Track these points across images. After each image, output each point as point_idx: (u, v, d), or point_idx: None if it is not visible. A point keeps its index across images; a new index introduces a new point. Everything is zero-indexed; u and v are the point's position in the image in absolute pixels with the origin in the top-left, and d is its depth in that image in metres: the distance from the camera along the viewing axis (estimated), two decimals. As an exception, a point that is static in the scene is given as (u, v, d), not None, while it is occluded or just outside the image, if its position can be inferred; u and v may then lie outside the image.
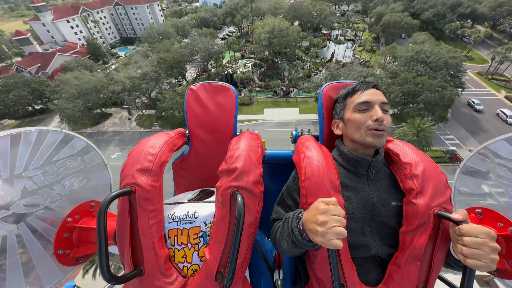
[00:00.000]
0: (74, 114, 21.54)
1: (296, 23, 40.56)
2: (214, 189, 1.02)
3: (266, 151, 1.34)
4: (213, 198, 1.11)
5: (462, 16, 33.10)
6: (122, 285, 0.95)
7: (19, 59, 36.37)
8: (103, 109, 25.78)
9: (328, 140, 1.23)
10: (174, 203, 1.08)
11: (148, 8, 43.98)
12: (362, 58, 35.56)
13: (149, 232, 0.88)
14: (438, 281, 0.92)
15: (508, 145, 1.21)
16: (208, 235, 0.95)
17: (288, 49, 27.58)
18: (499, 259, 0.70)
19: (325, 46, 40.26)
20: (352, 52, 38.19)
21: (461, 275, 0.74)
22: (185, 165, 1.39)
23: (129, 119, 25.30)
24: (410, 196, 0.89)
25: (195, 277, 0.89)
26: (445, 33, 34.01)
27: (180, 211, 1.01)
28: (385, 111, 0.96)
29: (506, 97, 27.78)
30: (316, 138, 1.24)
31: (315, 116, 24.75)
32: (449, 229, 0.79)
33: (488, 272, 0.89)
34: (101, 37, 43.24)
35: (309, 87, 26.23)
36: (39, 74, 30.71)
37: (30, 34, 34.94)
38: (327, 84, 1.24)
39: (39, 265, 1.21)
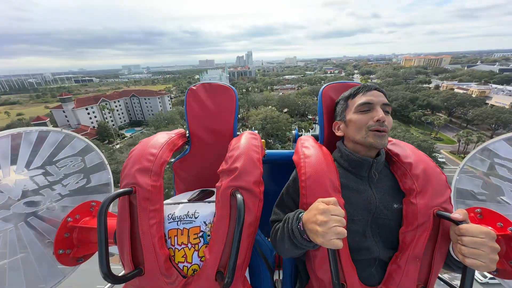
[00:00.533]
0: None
1: (285, 110, 47.22)
2: (214, 189, 1.02)
3: (266, 151, 1.34)
4: (213, 198, 1.11)
5: (420, 106, 41.05)
6: (123, 285, 0.95)
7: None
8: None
9: (328, 140, 1.23)
10: (174, 203, 1.08)
11: (159, 99, 49.77)
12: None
13: (149, 232, 0.89)
14: (438, 281, 0.92)
15: (508, 145, 1.21)
16: (208, 235, 0.96)
17: (279, 132, 31.51)
18: (499, 259, 0.70)
19: (312, 129, 43.32)
20: None
21: (461, 275, 0.74)
22: (185, 165, 1.39)
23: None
24: (410, 196, 0.89)
25: (195, 277, 0.89)
26: (412, 119, 41.30)
27: (180, 211, 1.01)
28: (386, 112, 0.95)
29: None
30: (316, 138, 1.24)
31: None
32: (449, 229, 0.79)
33: (488, 272, 0.89)
34: (112, 121, 48.24)
35: None
36: None
37: (48, 119, 38.97)
38: (326, 84, 1.24)
39: (39, 265, 1.21)
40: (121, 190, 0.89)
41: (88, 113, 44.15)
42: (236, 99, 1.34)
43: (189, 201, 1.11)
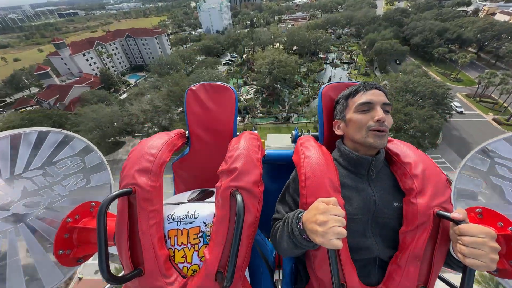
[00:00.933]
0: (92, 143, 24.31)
1: (295, 48, 43.05)
2: (214, 189, 1.02)
3: (266, 151, 1.34)
4: (213, 198, 1.11)
5: (449, 40, 35.43)
6: (122, 285, 0.95)
7: (36, 90, 40.19)
8: (117, 137, 27.16)
9: (328, 140, 1.23)
10: (174, 203, 1.08)
11: (156, 39, 47.47)
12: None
13: (149, 232, 0.88)
14: (438, 281, 0.92)
15: (508, 144, 1.21)
16: (208, 235, 0.95)
17: (287, 76, 29.42)
18: (499, 258, 0.69)
19: (322, 70, 41.42)
20: (348, 75, 39.02)
21: (461, 275, 0.74)
22: (185, 165, 1.39)
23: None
24: (410, 196, 0.89)
25: (195, 277, 0.89)
26: (435, 56, 35.99)
27: (180, 211, 1.01)
28: (386, 112, 0.95)
29: (493, 119, 28.00)
30: (316, 138, 1.24)
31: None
32: (449, 229, 0.79)
33: (488, 272, 0.89)
34: (112, 66, 46.56)
35: (308, 114, 27.53)
36: (57, 105, 32.87)
37: (49, 68, 38.12)
38: (327, 84, 1.24)
39: (39, 265, 1.21)
40: (121, 190, 0.89)
41: (87, 59, 43.10)
42: (236, 99, 1.34)
43: (189, 201, 1.11)
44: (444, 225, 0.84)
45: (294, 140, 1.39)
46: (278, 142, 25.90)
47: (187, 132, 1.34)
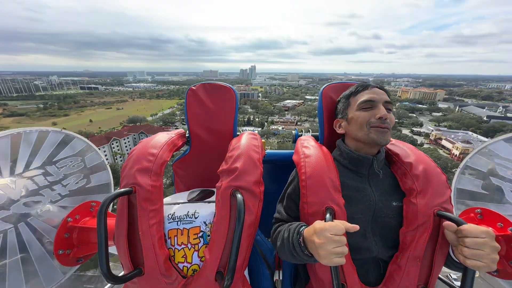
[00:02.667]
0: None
1: None
2: (214, 189, 1.02)
3: (266, 151, 1.34)
4: (213, 198, 1.11)
5: None
6: (122, 285, 0.95)
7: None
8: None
9: (328, 140, 1.23)
10: (174, 203, 1.08)
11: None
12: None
13: (149, 232, 0.88)
14: (438, 281, 0.92)
15: (508, 145, 1.21)
16: (208, 235, 0.95)
17: None
18: (499, 259, 0.70)
19: None
20: None
21: (461, 275, 0.74)
22: (185, 165, 1.39)
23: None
24: (410, 196, 0.89)
25: (195, 277, 0.89)
26: None
27: (180, 211, 1.01)
28: (388, 110, 0.95)
29: None
30: (316, 138, 1.24)
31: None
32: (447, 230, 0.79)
33: (488, 273, 0.89)
34: (121, 160, 51.37)
35: None
36: None
37: None
38: (327, 84, 1.24)
39: (39, 265, 1.21)
40: (121, 190, 0.89)
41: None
42: (237, 99, 1.34)
43: (189, 201, 1.11)
44: None
45: (294, 140, 1.38)
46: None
47: (187, 132, 1.34)
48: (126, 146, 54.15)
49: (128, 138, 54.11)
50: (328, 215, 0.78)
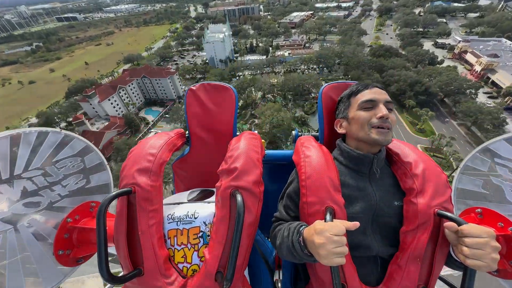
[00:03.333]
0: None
1: (291, 93, 47.66)
2: (214, 189, 1.02)
3: (266, 151, 1.34)
4: (213, 198, 1.11)
5: (418, 93, 41.37)
6: (122, 285, 0.95)
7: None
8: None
9: (328, 140, 1.22)
10: (174, 203, 1.08)
11: (169, 79, 54.41)
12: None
13: (149, 232, 0.88)
14: (438, 281, 0.92)
15: (508, 145, 1.21)
16: (208, 235, 0.95)
17: (284, 130, 35.13)
18: (500, 259, 0.69)
19: (314, 112, 44.26)
20: None
21: (460, 274, 0.74)
22: (185, 165, 1.39)
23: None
24: (410, 195, 0.89)
25: (195, 277, 0.89)
26: (406, 106, 41.96)
27: (180, 211, 1.01)
28: (389, 109, 0.96)
29: None
30: (316, 138, 1.24)
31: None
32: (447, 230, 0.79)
33: (488, 272, 0.88)
34: (129, 102, 53.31)
35: None
36: None
37: (83, 117, 44.37)
38: (327, 84, 1.24)
39: (39, 265, 1.21)
40: (120, 190, 0.89)
41: (111, 103, 49.51)
42: (236, 99, 1.34)
43: (189, 201, 1.11)
44: None
45: (294, 140, 1.38)
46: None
47: (187, 132, 1.34)
48: (133, 93, 54.79)
49: (132, 84, 54.76)
50: (328, 215, 0.78)
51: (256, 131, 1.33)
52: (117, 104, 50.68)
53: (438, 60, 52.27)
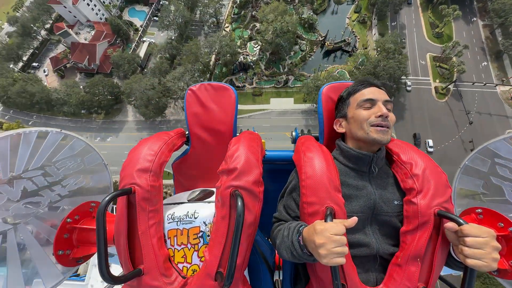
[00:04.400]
0: (142, 108, 28.42)
1: None
2: (214, 189, 1.02)
3: (266, 152, 1.34)
4: (213, 198, 1.11)
5: None
6: (122, 285, 0.95)
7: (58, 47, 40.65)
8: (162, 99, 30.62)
9: (328, 140, 1.23)
10: (174, 203, 1.08)
11: None
12: (353, 32, 36.00)
13: (149, 232, 0.88)
14: (438, 281, 0.92)
15: (508, 145, 1.21)
16: (208, 235, 0.95)
17: (289, 40, 32.05)
18: (500, 259, 0.69)
19: (324, 10, 39.30)
20: (347, 20, 37.27)
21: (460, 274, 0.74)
22: (185, 165, 1.39)
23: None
24: (410, 195, 0.89)
25: (195, 277, 0.89)
26: (432, 2, 37.01)
27: (180, 211, 1.01)
28: (388, 109, 0.96)
29: (434, 88, 30.48)
30: (316, 138, 1.24)
31: (304, 106, 28.59)
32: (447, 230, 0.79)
33: (488, 272, 0.88)
34: (110, 3, 44.81)
35: (301, 78, 30.30)
36: (92, 66, 35.87)
37: (65, 26, 39.05)
38: (326, 84, 1.24)
39: (39, 265, 1.21)
40: (120, 190, 0.89)
41: (88, 4, 42.15)
42: (236, 99, 1.34)
43: (189, 201, 1.11)
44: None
45: (294, 140, 1.38)
46: (278, 106, 29.48)
47: (187, 132, 1.34)
48: None
49: None
50: (328, 215, 0.78)
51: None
52: (95, 5, 42.71)
53: None
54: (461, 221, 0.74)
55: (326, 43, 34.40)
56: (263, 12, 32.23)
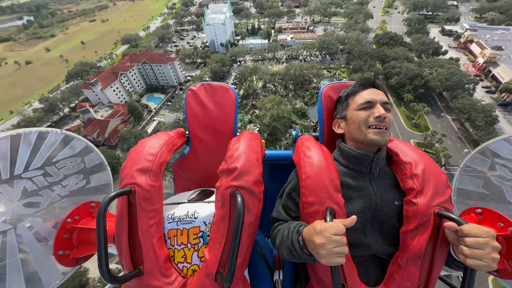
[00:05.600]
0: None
1: (291, 82, 47.49)
2: (214, 189, 1.02)
3: (266, 151, 1.34)
4: (213, 198, 1.11)
5: (417, 87, 42.00)
6: (122, 285, 0.95)
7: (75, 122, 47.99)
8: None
9: (328, 140, 1.23)
10: (174, 203, 1.08)
11: (170, 65, 54.11)
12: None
13: (149, 232, 0.88)
14: (438, 282, 0.92)
15: (508, 145, 1.21)
16: (208, 235, 0.95)
17: (284, 124, 35.67)
18: (499, 259, 0.70)
19: (314, 103, 44.12)
20: None
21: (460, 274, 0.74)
22: (185, 165, 1.39)
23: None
24: (410, 195, 0.89)
25: (195, 277, 0.89)
26: (404, 99, 43.02)
27: (180, 211, 1.01)
28: (387, 110, 0.96)
29: None
30: (316, 138, 1.24)
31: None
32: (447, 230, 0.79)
33: (488, 272, 0.88)
34: (131, 88, 53.81)
35: None
36: (100, 138, 39.26)
37: (88, 105, 45.15)
38: (327, 84, 1.24)
39: (39, 265, 1.21)
40: (120, 190, 0.89)
41: (114, 90, 50.07)
42: (236, 99, 1.34)
43: (189, 201, 1.11)
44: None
45: (294, 140, 1.38)
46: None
47: (187, 132, 1.34)
48: (134, 79, 55.02)
49: (133, 70, 54.80)
50: (328, 215, 0.78)
51: (256, 129, 1.32)
52: (119, 91, 50.96)
53: (442, 51, 52.38)
54: (461, 221, 0.74)
55: (317, 128, 35.99)
56: (262, 102, 37.09)
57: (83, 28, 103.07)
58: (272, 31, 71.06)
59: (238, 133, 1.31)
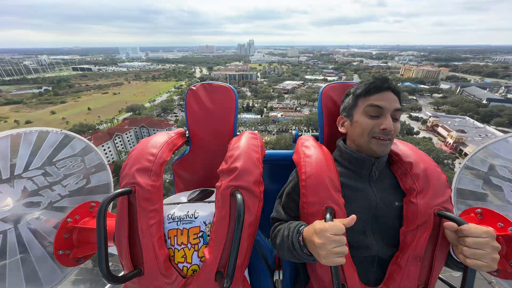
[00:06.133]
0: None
1: None
2: (214, 189, 1.02)
3: (266, 151, 1.34)
4: (213, 198, 1.11)
5: None
6: (122, 285, 0.95)
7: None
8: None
9: (328, 140, 1.23)
10: (174, 203, 1.08)
11: (166, 130, 53.39)
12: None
13: (149, 232, 0.88)
14: (438, 282, 0.92)
15: (508, 145, 1.21)
16: (208, 235, 0.95)
17: None
18: (499, 259, 0.70)
19: None
20: None
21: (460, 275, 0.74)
22: (185, 165, 1.39)
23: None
24: (410, 195, 0.89)
25: (195, 277, 0.89)
26: None
27: (180, 211, 1.01)
28: (395, 119, 0.92)
29: None
30: (316, 138, 1.24)
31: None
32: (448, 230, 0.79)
33: (488, 272, 0.88)
34: (123, 148, 53.48)
35: None
36: None
37: None
38: (327, 84, 1.24)
39: (39, 265, 1.21)
40: (120, 190, 0.89)
41: (104, 149, 49.70)
42: (236, 99, 1.34)
43: (189, 201, 1.11)
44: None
45: (294, 140, 1.38)
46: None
47: (187, 132, 1.34)
48: (128, 141, 55.19)
49: (130, 132, 55.06)
50: (328, 215, 0.78)
51: (256, 131, 1.33)
52: (110, 151, 51.10)
53: (415, 131, 57.83)
54: (461, 221, 0.74)
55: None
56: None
57: (94, 97, 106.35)
58: (265, 109, 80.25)
59: (238, 133, 1.31)
